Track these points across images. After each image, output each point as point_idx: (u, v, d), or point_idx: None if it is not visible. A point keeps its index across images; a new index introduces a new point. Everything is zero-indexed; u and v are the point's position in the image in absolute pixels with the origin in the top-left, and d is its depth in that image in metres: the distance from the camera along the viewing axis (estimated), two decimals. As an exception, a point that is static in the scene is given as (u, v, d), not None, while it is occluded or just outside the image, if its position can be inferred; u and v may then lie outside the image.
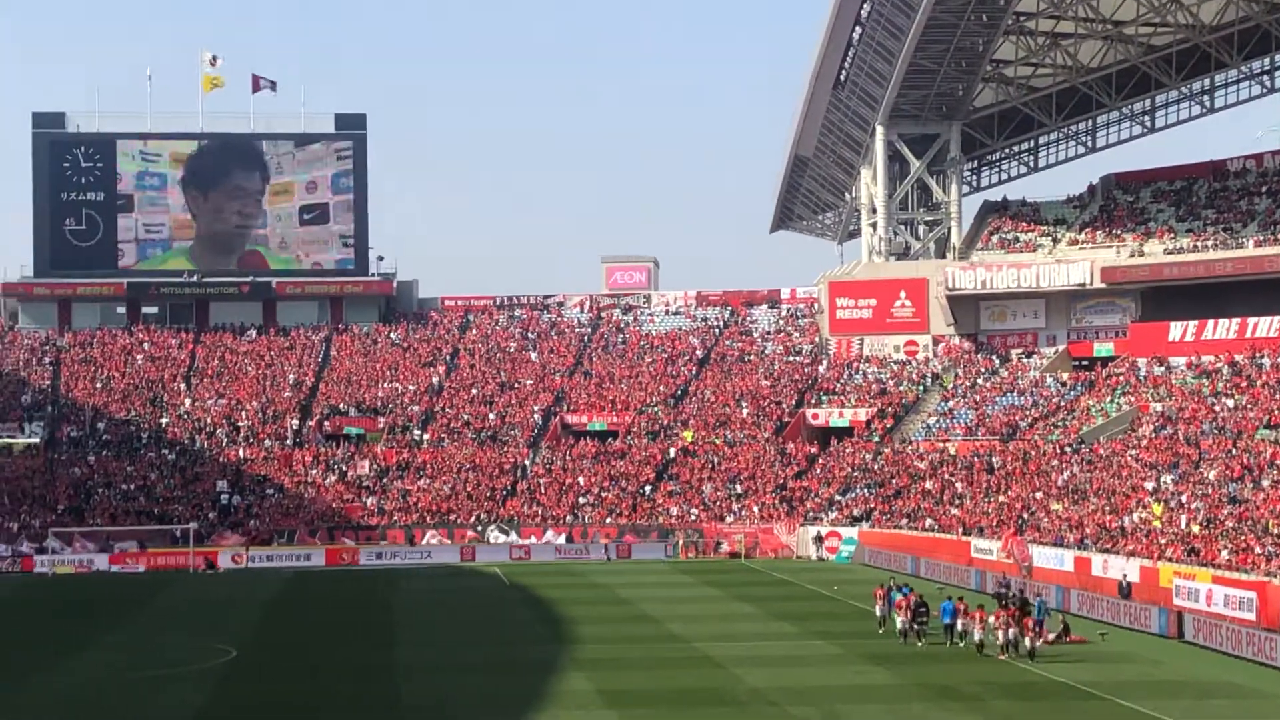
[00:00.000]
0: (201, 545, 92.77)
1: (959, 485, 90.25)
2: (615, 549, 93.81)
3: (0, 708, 46.17)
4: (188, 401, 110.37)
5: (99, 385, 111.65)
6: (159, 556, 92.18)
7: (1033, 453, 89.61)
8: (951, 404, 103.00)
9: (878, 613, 59.40)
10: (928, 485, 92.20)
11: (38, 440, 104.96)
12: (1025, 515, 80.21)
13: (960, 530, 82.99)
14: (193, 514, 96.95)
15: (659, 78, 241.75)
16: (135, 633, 63.45)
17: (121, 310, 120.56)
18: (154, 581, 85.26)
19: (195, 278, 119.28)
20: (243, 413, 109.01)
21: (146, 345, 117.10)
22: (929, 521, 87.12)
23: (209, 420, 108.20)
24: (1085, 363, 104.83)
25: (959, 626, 54.57)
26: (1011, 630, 51.89)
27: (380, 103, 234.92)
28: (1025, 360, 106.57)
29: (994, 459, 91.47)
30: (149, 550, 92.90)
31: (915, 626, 55.39)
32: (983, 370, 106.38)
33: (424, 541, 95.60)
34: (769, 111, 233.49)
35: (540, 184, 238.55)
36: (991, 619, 52.68)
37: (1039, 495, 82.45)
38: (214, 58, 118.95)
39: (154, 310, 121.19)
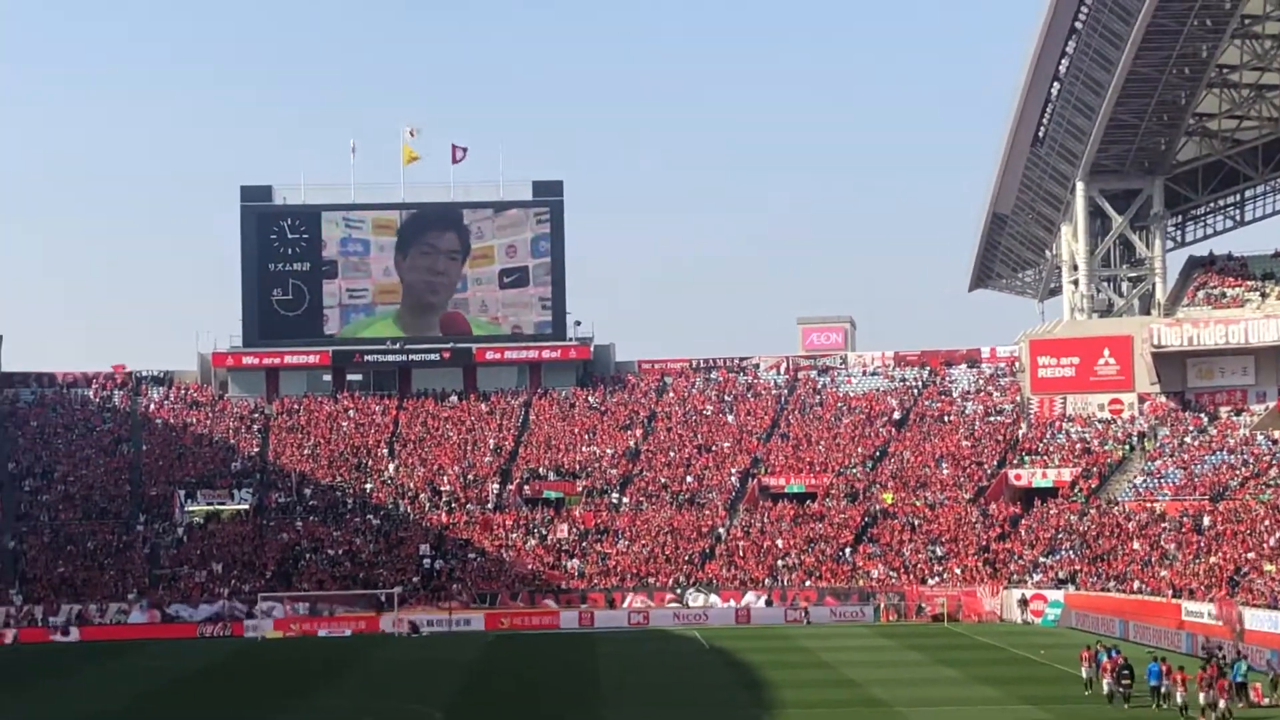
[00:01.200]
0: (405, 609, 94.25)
1: (1168, 546, 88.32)
2: (814, 612, 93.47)
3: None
4: (391, 467, 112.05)
5: (305, 452, 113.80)
6: (364, 620, 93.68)
7: (1244, 513, 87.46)
8: (1158, 463, 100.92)
9: (1084, 675, 58.67)
10: (1135, 546, 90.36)
11: (247, 506, 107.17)
12: (1236, 577, 78.23)
13: (1170, 592, 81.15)
14: (396, 578, 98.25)
15: (852, 138, 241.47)
16: (343, 696, 64.30)
17: (327, 378, 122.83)
18: (360, 644, 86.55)
19: (398, 345, 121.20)
20: (444, 477, 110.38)
21: (351, 412, 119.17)
22: (1137, 584, 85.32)
23: (412, 485, 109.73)
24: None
25: (1164, 688, 53.65)
26: (1211, 692, 50.84)
27: (575, 166, 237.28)
28: (1234, 418, 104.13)
29: (1204, 519, 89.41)
30: (351, 614, 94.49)
31: (1120, 689, 54.52)
32: (1190, 429, 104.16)
33: (624, 604, 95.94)
34: (965, 169, 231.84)
35: (734, 245, 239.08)
36: (1195, 681, 51.82)
37: (1251, 556, 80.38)
38: (413, 130, 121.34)
39: (358, 377, 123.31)
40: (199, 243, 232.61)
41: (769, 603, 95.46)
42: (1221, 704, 50.49)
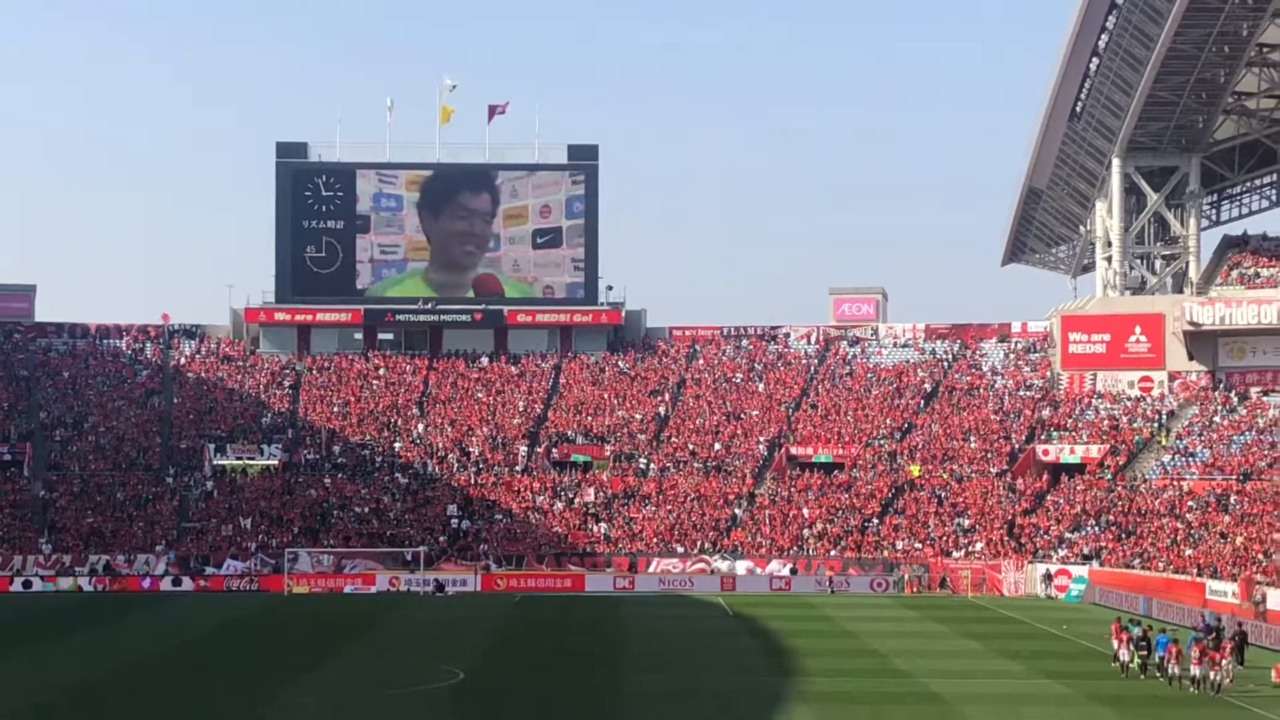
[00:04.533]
0: (432, 568, 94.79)
1: (1193, 525, 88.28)
2: (839, 582, 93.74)
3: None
4: (420, 426, 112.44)
5: (335, 409, 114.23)
6: (390, 577, 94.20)
7: (1271, 493, 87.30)
8: (1187, 442, 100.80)
9: (1116, 647, 58.80)
10: (1161, 524, 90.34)
11: (275, 462, 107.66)
12: (1261, 556, 78.17)
13: (1194, 571, 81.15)
14: (423, 537, 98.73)
15: (888, 109, 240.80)
16: (365, 654, 64.60)
17: (358, 336, 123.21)
18: (385, 603, 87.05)
19: (430, 305, 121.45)
20: (473, 438, 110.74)
21: (382, 371, 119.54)
22: (1162, 561, 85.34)
23: (441, 445, 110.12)
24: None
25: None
26: (1202, 665, 51.90)
27: (610, 130, 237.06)
28: (1265, 398, 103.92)
29: (1230, 499, 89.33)
30: (376, 571, 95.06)
31: (1139, 660, 55.48)
32: (1220, 408, 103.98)
33: (649, 569, 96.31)
34: (1001, 143, 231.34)
35: (768, 214, 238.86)
36: (1194, 651, 52.62)
37: (1277, 536, 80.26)
38: (453, 84, 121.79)
39: (389, 336, 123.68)
40: (234, 198, 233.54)
41: (794, 571, 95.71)
42: (1211, 674, 51.37)
